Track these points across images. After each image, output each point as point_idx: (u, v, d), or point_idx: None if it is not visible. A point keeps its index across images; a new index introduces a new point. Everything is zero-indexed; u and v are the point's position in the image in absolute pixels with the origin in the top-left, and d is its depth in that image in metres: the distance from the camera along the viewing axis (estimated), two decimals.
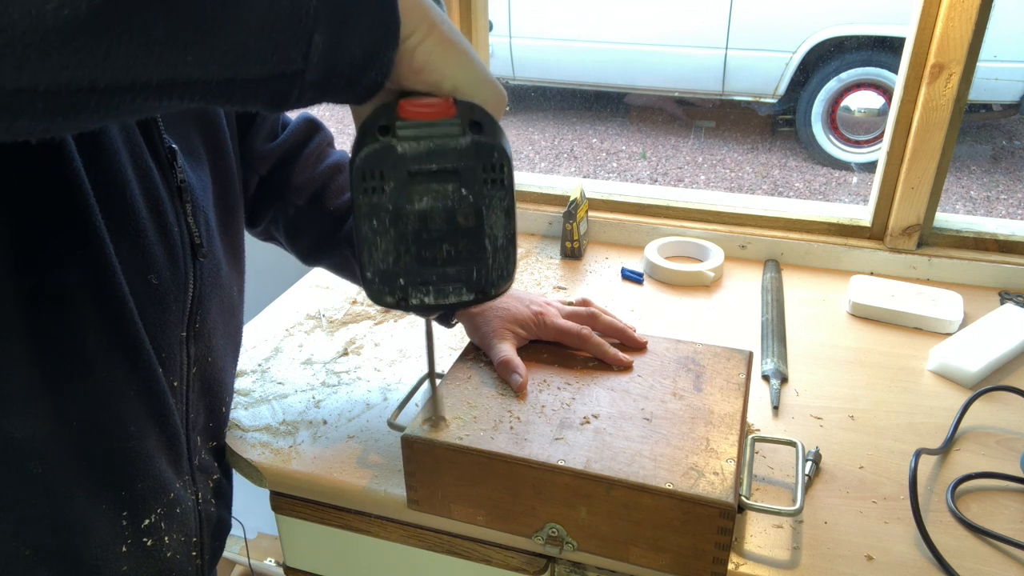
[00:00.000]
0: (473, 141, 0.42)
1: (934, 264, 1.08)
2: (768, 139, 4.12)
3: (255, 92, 0.35)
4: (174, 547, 0.64)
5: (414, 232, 0.43)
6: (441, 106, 0.41)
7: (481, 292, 0.46)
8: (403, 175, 0.42)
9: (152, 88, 0.32)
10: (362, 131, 0.42)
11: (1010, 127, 4.11)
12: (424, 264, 0.44)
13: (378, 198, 0.42)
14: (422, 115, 0.41)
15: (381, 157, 0.41)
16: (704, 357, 0.75)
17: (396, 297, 0.45)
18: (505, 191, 0.43)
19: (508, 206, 0.44)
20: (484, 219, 0.44)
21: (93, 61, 0.30)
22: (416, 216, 0.43)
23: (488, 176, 0.42)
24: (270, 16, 0.34)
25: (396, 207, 0.42)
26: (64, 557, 0.56)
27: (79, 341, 0.52)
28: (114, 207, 0.53)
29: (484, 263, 0.45)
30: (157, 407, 0.59)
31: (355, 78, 0.38)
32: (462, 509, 0.66)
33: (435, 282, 0.45)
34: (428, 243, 0.44)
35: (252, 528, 1.73)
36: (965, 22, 0.94)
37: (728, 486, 0.58)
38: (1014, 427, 0.78)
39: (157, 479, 0.61)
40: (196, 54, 0.32)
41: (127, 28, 0.30)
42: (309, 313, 1.02)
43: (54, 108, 0.31)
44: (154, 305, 0.57)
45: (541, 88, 4.62)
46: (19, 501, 0.53)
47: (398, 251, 0.44)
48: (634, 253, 1.18)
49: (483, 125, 0.42)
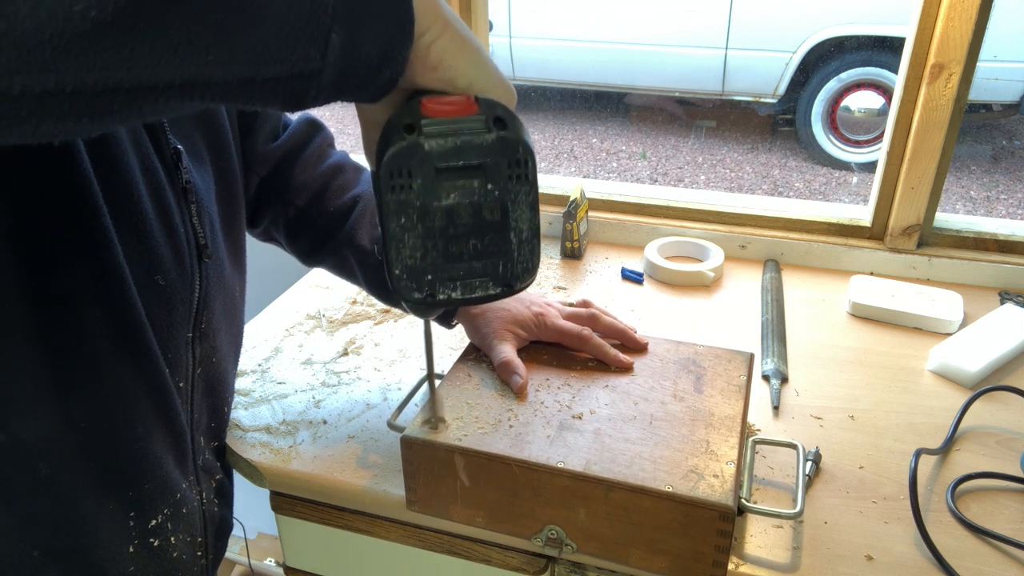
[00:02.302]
0: (498, 137, 0.42)
1: (934, 264, 1.08)
2: (768, 139, 4.12)
3: (274, 92, 0.36)
4: (180, 547, 0.64)
5: (441, 228, 0.44)
6: (463, 103, 0.42)
7: (507, 285, 0.47)
8: (430, 172, 0.42)
9: (174, 88, 0.32)
10: (387, 130, 0.43)
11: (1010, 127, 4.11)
12: (451, 259, 0.45)
13: (406, 195, 0.42)
14: (446, 112, 0.42)
15: (408, 155, 0.42)
16: (705, 359, 0.75)
17: (424, 293, 0.46)
18: (530, 185, 0.44)
19: (532, 200, 0.45)
20: (509, 213, 0.44)
21: (118, 62, 0.30)
22: (443, 212, 0.43)
23: (513, 171, 0.43)
24: (290, 15, 0.34)
25: (424, 204, 0.43)
26: (71, 558, 0.56)
27: (87, 342, 0.52)
28: (122, 208, 0.53)
29: (510, 256, 0.46)
30: (164, 408, 0.59)
31: (371, 76, 0.38)
32: (461, 510, 0.66)
33: (462, 277, 0.46)
34: (455, 238, 0.44)
35: (252, 528, 1.73)
36: (965, 22, 0.94)
37: (728, 489, 0.58)
38: (1014, 427, 0.78)
39: (164, 480, 0.61)
40: (217, 54, 0.33)
41: (151, 29, 0.30)
42: (309, 313, 1.02)
43: (80, 110, 0.31)
44: (161, 306, 0.57)
45: (541, 88, 4.62)
46: (27, 502, 0.53)
47: (425, 247, 0.44)
48: (634, 253, 1.18)
49: (506, 121, 0.43)
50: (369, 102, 0.41)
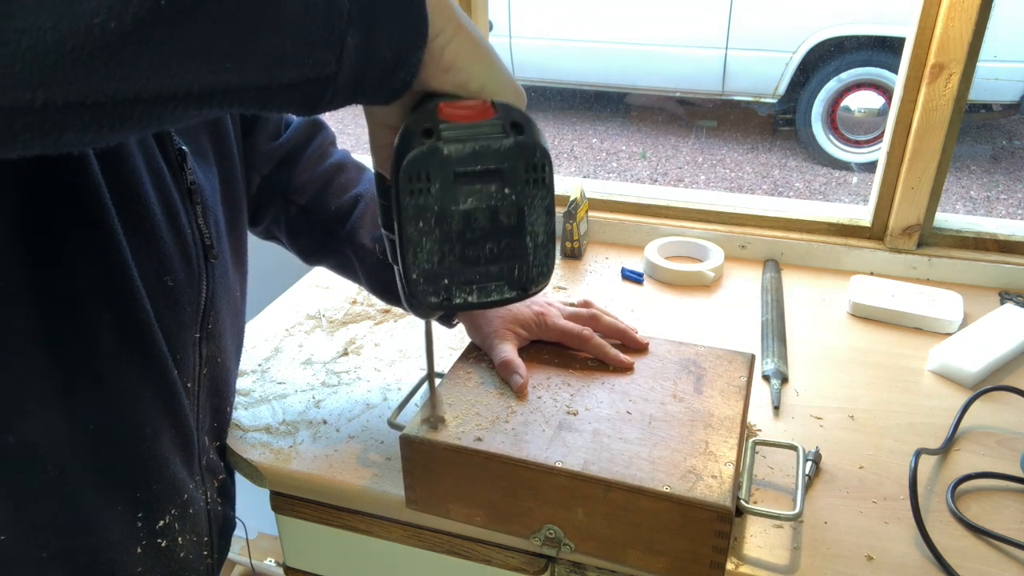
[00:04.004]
0: (516, 142, 0.42)
1: (934, 264, 1.08)
2: (768, 139, 4.12)
3: (290, 97, 0.36)
4: (187, 547, 0.64)
5: (459, 232, 0.44)
6: (480, 108, 0.42)
7: (522, 289, 0.47)
8: (449, 176, 0.42)
9: (193, 96, 0.33)
10: (404, 134, 0.43)
11: (1010, 127, 4.11)
12: (467, 263, 0.45)
13: (424, 199, 0.43)
14: (464, 117, 0.42)
15: (427, 159, 0.42)
16: (705, 359, 0.75)
17: (440, 297, 0.46)
18: (546, 190, 0.44)
19: (549, 204, 0.45)
20: (526, 217, 0.45)
21: (138, 72, 0.30)
22: (461, 216, 0.44)
23: (530, 176, 0.43)
24: (306, 20, 0.34)
25: (442, 208, 0.43)
26: (79, 559, 0.56)
27: (95, 343, 0.52)
28: (130, 209, 0.53)
29: (525, 260, 0.46)
30: (172, 408, 0.59)
31: (385, 78, 0.39)
32: (460, 509, 0.66)
33: (478, 280, 0.46)
34: (472, 242, 0.45)
35: (252, 528, 1.73)
36: (965, 22, 0.94)
37: (726, 490, 0.58)
38: (1014, 427, 0.78)
39: (172, 480, 0.61)
40: (235, 61, 0.33)
41: (170, 38, 0.31)
42: (309, 313, 1.02)
43: (100, 120, 0.31)
44: (169, 307, 0.57)
45: (541, 88, 4.62)
46: (35, 503, 0.53)
47: (443, 251, 0.44)
48: (634, 253, 1.18)
49: (523, 126, 0.43)
50: (383, 104, 0.41)
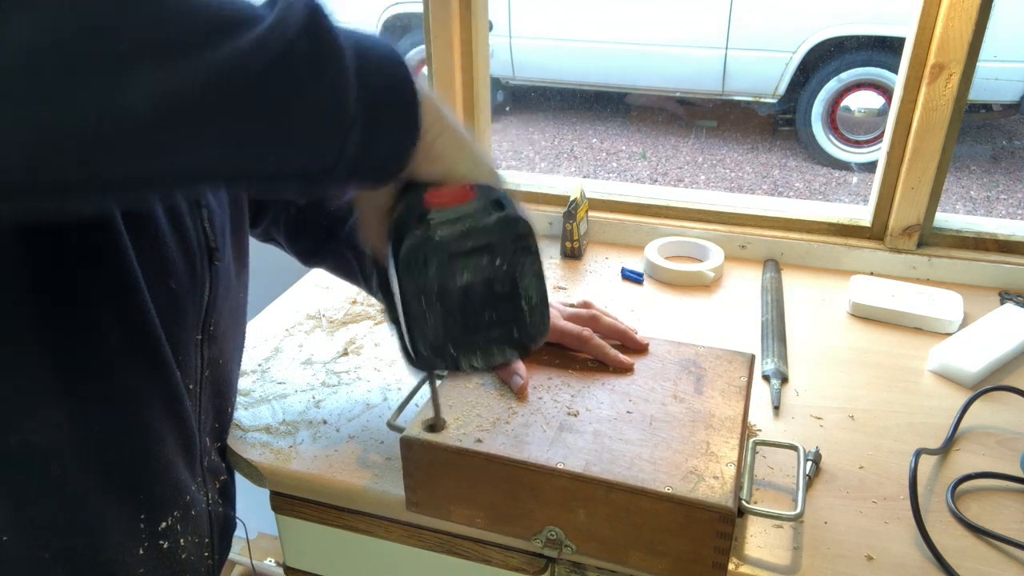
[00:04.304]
0: (499, 218, 0.46)
1: (934, 264, 1.08)
2: (768, 139, 4.12)
3: (291, 183, 0.40)
4: (188, 548, 0.64)
5: (459, 305, 0.47)
6: (461, 191, 0.46)
7: (522, 347, 0.50)
8: (443, 257, 0.46)
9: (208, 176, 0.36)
10: (398, 223, 0.47)
11: (1010, 127, 4.10)
12: (469, 331, 0.49)
13: (423, 280, 0.46)
14: (449, 201, 0.46)
15: (422, 245, 0.45)
16: (705, 360, 0.75)
17: (447, 364, 0.50)
18: (533, 256, 0.48)
19: (537, 269, 0.48)
20: (519, 283, 0.48)
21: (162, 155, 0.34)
22: (459, 291, 0.47)
23: (518, 245, 0.47)
24: (318, 115, 0.38)
25: (441, 286, 0.47)
26: (81, 559, 0.56)
27: (99, 346, 0.53)
28: (134, 212, 0.53)
29: (523, 321, 0.49)
30: (175, 410, 0.59)
31: (379, 170, 0.43)
32: (461, 511, 0.66)
33: (481, 345, 0.49)
34: (471, 312, 0.48)
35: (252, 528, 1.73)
36: (965, 22, 0.94)
37: (728, 490, 0.58)
38: (1014, 427, 0.78)
39: (174, 482, 0.61)
40: (250, 152, 0.37)
41: (190, 128, 0.34)
42: (309, 313, 1.02)
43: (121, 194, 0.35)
44: (172, 309, 0.58)
45: (541, 88, 4.62)
46: (37, 504, 0.53)
47: (446, 324, 0.48)
48: (634, 253, 1.18)
49: (503, 202, 0.47)
50: (372, 189, 0.47)
